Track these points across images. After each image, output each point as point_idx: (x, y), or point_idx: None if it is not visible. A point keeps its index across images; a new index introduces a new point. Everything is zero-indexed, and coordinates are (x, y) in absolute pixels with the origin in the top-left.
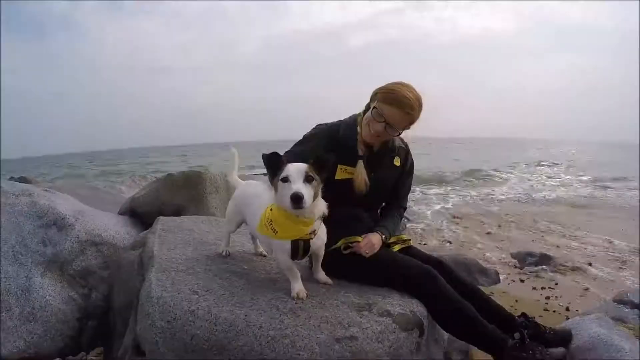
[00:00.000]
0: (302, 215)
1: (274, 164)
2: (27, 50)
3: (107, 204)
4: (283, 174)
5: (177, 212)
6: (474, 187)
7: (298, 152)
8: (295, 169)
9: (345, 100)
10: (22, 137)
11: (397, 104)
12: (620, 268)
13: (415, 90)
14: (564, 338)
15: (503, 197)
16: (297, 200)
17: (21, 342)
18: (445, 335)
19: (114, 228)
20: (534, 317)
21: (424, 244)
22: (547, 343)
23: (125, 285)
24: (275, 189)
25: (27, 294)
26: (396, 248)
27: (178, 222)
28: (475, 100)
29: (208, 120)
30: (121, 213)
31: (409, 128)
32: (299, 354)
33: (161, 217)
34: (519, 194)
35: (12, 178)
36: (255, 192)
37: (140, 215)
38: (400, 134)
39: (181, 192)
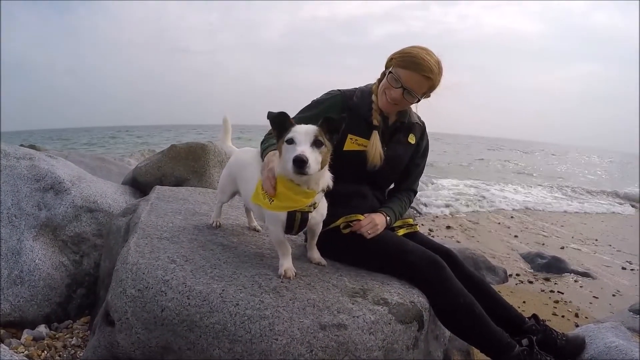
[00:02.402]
0: (304, 184)
1: (280, 124)
2: (48, 24)
3: (114, 174)
4: (289, 135)
5: (178, 184)
6: (488, 182)
7: (303, 118)
8: (303, 130)
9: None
10: (36, 110)
11: (414, 67)
12: (631, 277)
13: (434, 54)
14: (577, 346)
15: (517, 197)
16: (300, 164)
17: (6, 305)
18: (447, 332)
19: (112, 196)
20: (544, 321)
21: (432, 236)
22: (558, 351)
23: (111, 252)
24: (280, 153)
25: (16, 256)
26: (401, 232)
27: (174, 192)
28: (486, 99)
29: (225, 102)
30: (124, 183)
31: (429, 96)
32: (276, 339)
33: (158, 186)
34: (533, 196)
35: (22, 145)
36: (250, 159)
37: (142, 185)
38: (419, 100)
39: (183, 164)
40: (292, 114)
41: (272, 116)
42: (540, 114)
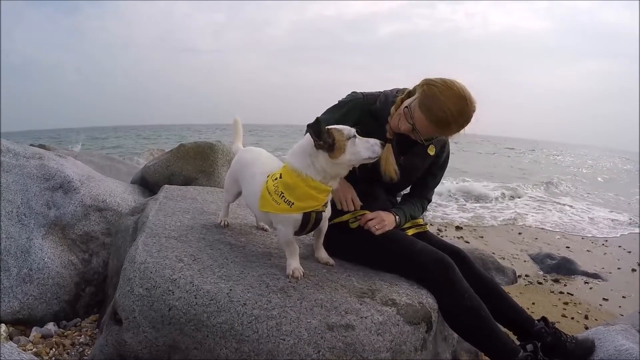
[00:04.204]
0: (332, 180)
1: (318, 129)
2: (55, 23)
3: (122, 174)
4: (352, 132)
5: (187, 183)
6: (498, 183)
7: (329, 120)
8: (352, 128)
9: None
10: (44, 110)
11: (429, 114)
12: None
13: (465, 102)
14: (586, 349)
15: (526, 196)
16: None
17: (16, 303)
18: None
19: (121, 195)
20: (554, 323)
21: (441, 236)
22: (568, 353)
23: (119, 251)
24: (342, 150)
25: (26, 255)
26: (410, 232)
27: (183, 191)
28: (494, 98)
29: (232, 102)
30: (133, 182)
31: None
32: (284, 339)
33: (166, 186)
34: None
35: (32, 145)
36: (251, 159)
37: (150, 184)
38: (428, 145)
39: (192, 163)
40: (300, 112)
41: (311, 125)
42: (550, 112)
